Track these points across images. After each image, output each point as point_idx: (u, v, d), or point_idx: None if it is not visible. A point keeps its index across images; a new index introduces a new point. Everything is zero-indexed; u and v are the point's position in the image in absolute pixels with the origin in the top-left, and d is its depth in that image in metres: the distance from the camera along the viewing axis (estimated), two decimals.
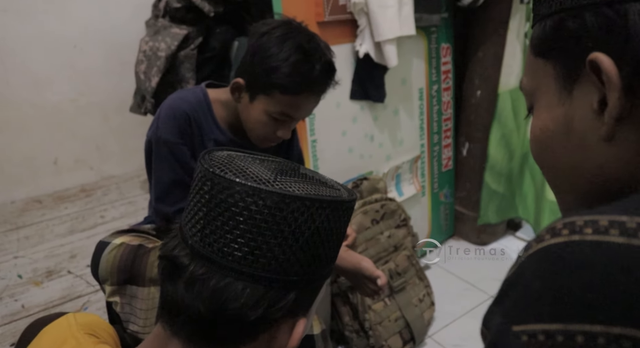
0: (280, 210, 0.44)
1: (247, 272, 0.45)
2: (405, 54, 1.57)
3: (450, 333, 1.54)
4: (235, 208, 0.45)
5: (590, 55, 0.36)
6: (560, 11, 0.39)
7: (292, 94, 0.92)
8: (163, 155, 0.99)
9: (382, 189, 1.58)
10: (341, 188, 0.55)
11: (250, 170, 0.47)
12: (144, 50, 1.48)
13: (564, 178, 0.42)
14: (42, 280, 1.32)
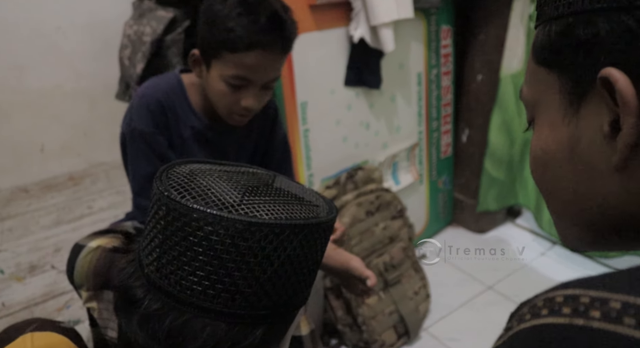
0: (244, 239, 0.39)
1: (207, 307, 0.40)
2: (402, 37, 1.49)
3: (446, 326, 1.51)
4: (194, 238, 0.39)
5: (602, 70, 0.30)
6: (568, 14, 0.33)
7: (241, 51, 0.86)
8: (139, 147, 0.94)
9: (378, 179, 1.53)
10: (321, 202, 0.50)
11: (214, 191, 0.42)
12: (129, 35, 1.41)
13: (565, 206, 0.37)
14: (24, 276, 1.28)
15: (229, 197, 0.41)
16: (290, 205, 0.44)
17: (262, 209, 0.41)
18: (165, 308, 0.41)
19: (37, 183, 1.82)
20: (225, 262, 0.39)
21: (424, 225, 1.86)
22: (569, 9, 0.33)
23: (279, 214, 0.42)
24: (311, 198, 0.50)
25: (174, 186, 0.42)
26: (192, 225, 0.39)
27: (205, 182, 0.43)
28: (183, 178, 0.44)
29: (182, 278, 0.40)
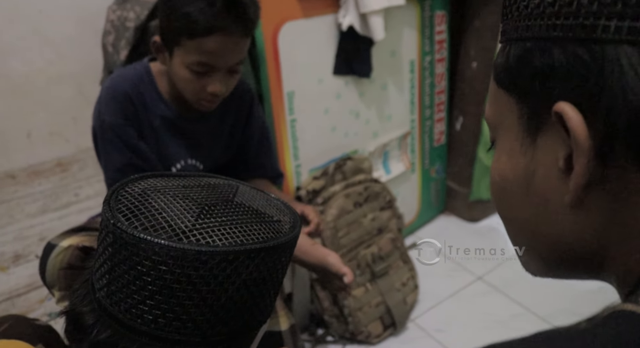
0: (195, 268, 0.37)
1: (158, 336, 0.39)
2: (395, 24, 1.45)
3: (433, 316, 1.51)
4: (142, 268, 0.38)
5: (556, 104, 0.28)
6: (526, 39, 0.30)
7: (200, 36, 0.84)
8: (109, 139, 0.93)
9: (367, 169, 1.51)
10: (285, 216, 0.48)
11: (165, 215, 0.40)
12: (112, 20, 1.37)
13: (522, 237, 0.35)
14: (8, 266, 1.28)
15: (181, 221, 0.40)
16: (248, 225, 0.42)
17: (216, 234, 0.40)
18: (115, 336, 0.40)
19: (25, 168, 1.80)
20: (175, 291, 0.38)
21: (415, 214, 1.85)
22: (527, 32, 0.30)
23: (234, 238, 0.40)
24: (274, 212, 0.48)
25: (123, 211, 0.40)
26: (139, 255, 0.38)
27: (158, 204, 0.41)
28: (134, 201, 0.41)
29: (132, 306, 0.39)
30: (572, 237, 0.31)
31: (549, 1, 0.29)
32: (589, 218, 0.29)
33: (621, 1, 0.25)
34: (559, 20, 0.28)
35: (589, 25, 0.27)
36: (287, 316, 0.98)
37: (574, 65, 0.27)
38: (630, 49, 0.25)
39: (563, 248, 0.32)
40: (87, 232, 0.89)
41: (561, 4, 0.28)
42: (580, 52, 0.27)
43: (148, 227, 0.39)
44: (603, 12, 0.26)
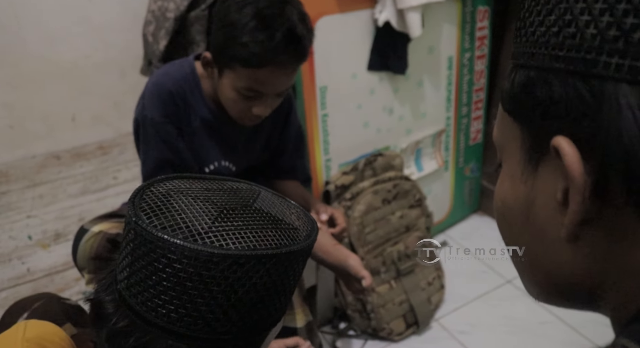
0: (207, 269, 0.39)
1: (170, 329, 0.41)
2: (433, 19, 1.42)
3: (458, 317, 1.49)
4: (158, 264, 0.40)
5: (554, 138, 0.27)
6: (530, 67, 0.30)
7: (254, 67, 0.83)
8: (149, 134, 0.95)
9: (398, 166, 1.49)
10: (302, 223, 0.49)
11: (184, 216, 0.42)
12: (153, 10, 1.40)
13: (522, 264, 0.35)
14: (49, 244, 1.35)
15: (198, 223, 0.42)
16: (263, 231, 0.44)
17: (231, 237, 0.41)
18: (132, 326, 0.43)
19: (69, 150, 1.89)
20: (188, 289, 0.40)
21: (446, 212, 1.82)
22: (532, 60, 0.30)
23: (247, 242, 0.42)
24: (292, 219, 0.49)
25: (145, 209, 0.43)
26: (156, 252, 0.40)
27: (179, 205, 0.43)
28: (157, 200, 0.44)
29: (147, 299, 0.41)
30: (568, 269, 0.30)
31: (554, 31, 0.28)
32: (584, 253, 0.29)
33: (623, 39, 0.24)
34: (561, 52, 0.27)
35: (590, 60, 0.26)
36: (304, 313, 1.00)
37: (573, 99, 0.27)
38: (629, 89, 0.24)
39: (559, 279, 0.32)
40: (119, 218, 0.93)
41: (565, 36, 0.27)
42: (580, 87, 0.26)
43: (167, 227, 0.41)
44: (605, 48, 0.25)
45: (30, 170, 1.75)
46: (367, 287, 0.95)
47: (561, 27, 0.28)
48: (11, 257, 1.30)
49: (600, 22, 0.25)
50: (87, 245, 0.86)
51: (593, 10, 0.26)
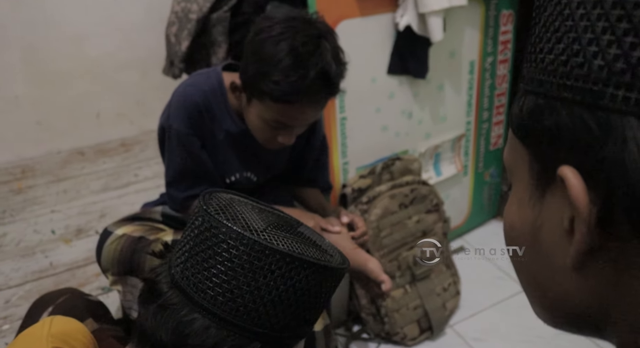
0: (258, 259, 0.45)
1: (214, 312, 0.46)
2: (456, 23, 1.41)
3: (472, 324, 1.48)
4: (217, 248, 0.46)
5: (560, 168, 0.27)
6: (539, 94, 0.30)
7: (284, 102, 0.83)
8: (174, 143, 0.97)
9: (416, 171, 1.49)
10: (335, 255, 0.54)
11: (244, 217, 0.49)
12: (176, 12, 1.42)
13: (529, 287, 0.35)
14: (71, 239, 1.38)
15: (255, 224, 0.48)
16: (306, 246, 0.50)
17: (281, 241, 0.48)
18: (181, 304, 0.47)
19: (93, 146, 1.93)
20: (238, 275, 0.45)
21: (465, 217, 1.81)
22: (540, 87, 0.29)
23: (294, 248, 0.47)
24: (328, 248, 0.55)
25: (213, 205, 0.49)
26: (218, 237, 0.46)
27: (240, 209, 0.50)
28: (223, 202, 0.50)
29: (199, 281, 0.46)
30: (574, 297, 0.30)
31: (562, 59, 0.28)
32: (590, 282, 0.29)
33: (631, 71, 0.24)
34: (569, 81, 0.27)
35: (597, 91, 0.26)
36: (322, 317, 1.00)
37: (579, 130, 0.26)
38: (636, 122, 0.24)
39: (566, 306, 0.31)
40: (141, 221, 0.95)
41: (573, 65, 0.27)
42: (586, 118, 0.26)
43: (230, 219, 0.47)
44: (612, 80, 0.25)
45: (56, 165, 1.79)
46: (386, 291, 0.95)
47: (569, 56, 0.27)
48: (35, 250, 1.34)
49: (608, 54, 0.25)
50: (112, 248, 0.89)
51: (601, 41, 0.25)
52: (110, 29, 1.85)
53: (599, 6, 0.26)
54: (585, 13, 0.27)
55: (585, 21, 0.27)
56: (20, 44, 1.76)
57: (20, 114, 1.84)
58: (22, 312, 1.08)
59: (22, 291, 1.19)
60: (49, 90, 1.85)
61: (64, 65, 1.83)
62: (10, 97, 1.81)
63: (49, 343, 0.58)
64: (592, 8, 0.26)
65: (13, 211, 1.53)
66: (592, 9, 0.26)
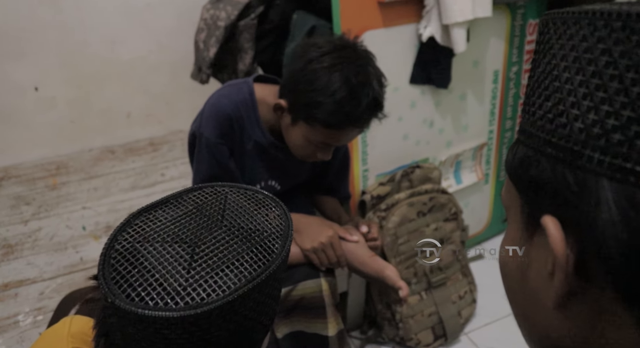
0: (197, 325, 0.40)
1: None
2: (480, 33, 1.41)
3: (487, 333, 1.49)
4: (146, 333, 0.40)
5: (542, 217, 0.30)
6: (528, 145, 0.32)
7: (334, 128, 0.89)
8: (203, 150, 1.01)
9: (436, 179, 1.50)
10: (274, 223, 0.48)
11: (158, 274, 0.41)
12: (205, 19, 1.47)
13: (520, 320, 0.37)
14: (100, 235, 1.45)
15: (174, 280, 0.41)
16: (240, 257, 0.44)
17: (210, 285, 0.41)
18: None
19: (123, 145, 2.01)
20: (181, 345, 0.41)
21: (484, 225, 1.81)
22: (530, 139, 0.32)
23: (227, 282, 0.42)
24: (264, 223, 0.48)
25: (117, 281, 0.41)
26: (141, 324, 0.40)
27: (149, 260, 0.42)
28: (125, 262, 0.43)
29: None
30: (556, 334, 0.32)
31: (549, 117, 0.30)
32: (569, 322, 0.31)
33: (605, 137, 0.26)
34: (554, 138, 0.29)
35: (577, 152, 0.28)
36: (336, 322, 1.03)
37: (560, 184, 0.29)
38: (608, 184, 0.26)
39: (548, 340, 0.33)
40: None
41: (557, 124, 0.29)
42: (566, 175, 0.28)
43: (144, 296, 0.40)
44: (589, 142, 0.27)
45: (87, 163, 1.87)
46: (403, 297, 0.97)
47: (555, 115, 0.30)
48: (67, 245, 1.41)
49: (587, 119, 0.28)
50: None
51: (582, 106, 0.28)
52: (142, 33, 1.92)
53: (581, 73, 0.28)
54: (569, 77, 0.29)
55: (570, 85, 0.29)
56: (59, 48, 1.84)
57: (56, 113, 1.93)
58: (54, 304, 1.14)
59: (55, 284, 1.26)
60: (83, 91, 1.93)
61: (98, 67, 1.91)
62: (48, 97, 1.90)
63: (69, 343, 0.62)
64: (575, 73, 0.29)
65: (48, 206, 1.61)
66: (575, 74, 0.29)
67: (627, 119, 0.26)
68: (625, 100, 0.26)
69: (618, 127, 0.26)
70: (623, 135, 0.26)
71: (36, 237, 1.45)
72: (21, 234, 1.47)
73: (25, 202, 1.64)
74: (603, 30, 0.27)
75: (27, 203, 1.63)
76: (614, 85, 0.26)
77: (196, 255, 0.43)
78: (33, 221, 1.54)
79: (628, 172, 0.26)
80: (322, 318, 1.02)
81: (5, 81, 1.81)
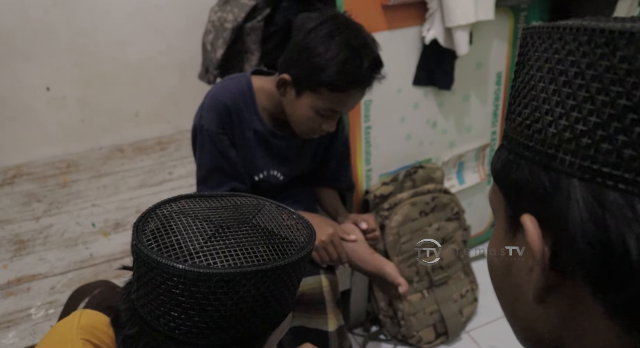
0: (196, 286, 0.44)
1: (170, 335, 0.47)
2: (483, 35, 1.43)
3: (488, 331, 1.51)
4: (155, 282, 0.46)
5: (522, 216, 0.32)
6: (509, 150, 0.35)
7: (341, 91, 0.93)
8: (205, 142, 1.04)
9: (438, 179, 1.52)
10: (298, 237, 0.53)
11: (180, 237, 0.47)
12: (213, 21, 1.49)
13: (507, 315, 0.40)
14: (109, 232, 1.48)
15: (191, 244, 0.47)
16: (254, 247, 0.48)
17: (219, 256, 0.46)
18: (140, 333, 0.49)
19: (131, 144, 2.04)
20: (181, 303, 0.45)
21: (487, 225, 1.83)
22: (510, 144, 0.34)
23: (235, 260, 0.46)
24: (289, 233, 0.53)
25: (147, 233, 0.48)
26: (153, 271, 0.46)
27: (177, 227, 0.49)
28: (158, 223, 0.49)
29: (151, 310, 0.48)
30: (538, 326, 0.35)
31: (527, 123, 0.33)
32: (550, 314, 0.33)
33: (575, 141, 0.29)
34: (531, 143, 0.32)
35: (551, 155, 0.30)
36: (336, 318, 1.06)
37: (536, 185, 0.31)
38: (578, 184, 0.29)
39: (532, 333, 0.36)
40: None
41: (534, 130, 0.32)
42: (542, 176, 0.31)
43: (162, 249, 0.46)
44: (562, 146, 0.30)
45: (97, 161, 1.91)
46: (403, 293, 1.00)
47: (532, 121, 0.32)
48: (77, 242, 1.44)
49: (559, 125, 0.30)
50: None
51: (554, 113, 0.30)
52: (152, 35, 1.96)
53: (554, 83, 0.31)
54: (544, 86, 0.32)
55: (544, 94, 0.32)
56: (70, 48, 1.88)
57: (67, 112, 1.97)
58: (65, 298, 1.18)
59: (66, 279, 1.30)
60: (94, 91, 1.97)
61: (108, 68, 1.95)
62: (59, 97, 1.94)
63: (78, 335, 0.65)
64: (549, 83, 0.31)
65: (59, 204, 1.65)
66: (549, 84, 0.31)
67: (594, 124, 0.28)
68: (592, 108, 0.28)
69: (586, 132, 0.29)
70: (590, 139, 0.28)
71: (47, 234, 1.49)
72: (33, 230, 1.51)
73: (37, 199, 1.68)
74: (572, 43, 0.30)
75: (39, 200, 1.68)
76: (582, 94, 0.29)
77: (217, 234, 0.48)
78: (44, 218, 1.58)
79: (595, 173, 0.28)
80: (322, 314, 1.05)
81: (18, 81, 1.86)
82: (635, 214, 0.27)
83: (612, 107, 0.28)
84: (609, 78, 0.28)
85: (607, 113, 0.28)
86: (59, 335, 0.66)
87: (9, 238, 1.47)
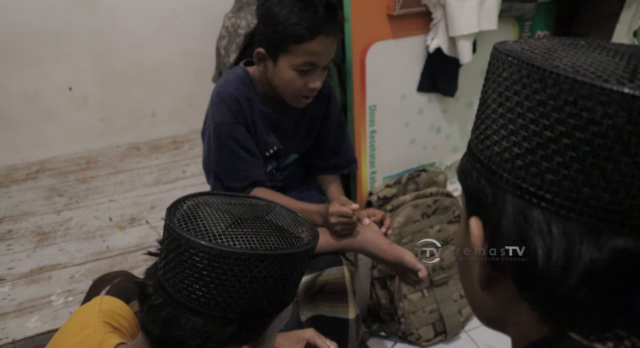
0: (217, 262, 0.53)
1: (190, 307, 0.55)
2: (488, 44, 1.47)
3: (487, 331, 1.53)
4: (183, 256, 0.54)
5: (470, 218, 0.38)
6: (465, 157, 0.40)
7: (307, 40, 1.00)
8: (222, 137, 1.11)
9: (441, 183, 1.57)
10: (305, 235, 0.61)
11: (205, 222, 0.56)
12: (227, 26, 1.56)
13: (468, 298, 0.46)
14: (125, 226, 1.56)
15: (215, 228, 0.55)
16: (267, 237, 0.56)
17: (238, 240, 0.54)
18: (164, 303, 0.56)
19: (147, 142, 2.13)
20: (203, 276, 0.53)
21: None
22: (468, 154, 0.40)
23: (251, 244, 0.54)
24: (297, 230, 0.61)
25: (177, 216, 0.57)
26: (182, 247, 0.54)
27: (203, 214, 0.57)
28: (187, 210, 0.58)
29: (176, 283, 0.55)
30: (486, 308, 0.41)
31: (481, 138, 0.38)
32: (494, 300, 0.39)
33: (511, 162, 0.35)
34: (482, 157, 0.37)
35: (493, 170, 0.36)
36: (354, 307, 1.13)
37: (481, 194, 0.37)
38: (511, 199, 0.34)
39: (483, 313, 0.42)
40: None
41: (484, 146, 0.37)
42: (486, 188, 0.36)
43: (191, 229, 0.54)
44: (502, 164, 0.35)
45: (115, 159, 2.00)
46: (423, 277, 1.05)
47: (484, 138, 0.38)
48: (95, 235, 1.52)
49: (501, 145, 0.35)
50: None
51: (499, 134, 0.36)
52: (169, 39, 2.04)
53: (501, 107, 0.36)
54: (495, 108, 0.37)
55: (494, 114, 0.37)
56: (92, 51, 1.97)
57: (88, 111, 2.06)
58: (83, 287, 1.26)
59: (84, 269, 1.38)
60: (113, 91, 2.06)
61: (127, 70, 2.04)
62: (80, 96, 2.03)
63: (99, 318, 0.72)
64: (498, 106, 0.37)
65: (78, 198, 1.74)
66: (498, 106, 0.37)
67: (526, 150, 0.34)
68: (525, 135, 0.33)
69: (520, 155, 0.34)
70: (522, 161, 0.34)
71: (67, 226, 1.58)
72: (54, 223, 1.60)
73: (58, 193, 1.77)
74: (516, 74, 0.35)
75: (60, 194, 1.76)
76: (519, 121, 0.34)
77: (236, 224, 0.57)
78: (65, 211, 1.66)
79: (524, 191, 0.34)
80: (344, 302, 1.11)
81: (44, 82, 1.95)
82: (549, 230, 0.32)
83: (540, 137, 0.32)
84: (539, 111, 0.32)
85: (535, 141, 0.33)
86: (82, 318, 0.73)
87: (32, 230, 1.56)
